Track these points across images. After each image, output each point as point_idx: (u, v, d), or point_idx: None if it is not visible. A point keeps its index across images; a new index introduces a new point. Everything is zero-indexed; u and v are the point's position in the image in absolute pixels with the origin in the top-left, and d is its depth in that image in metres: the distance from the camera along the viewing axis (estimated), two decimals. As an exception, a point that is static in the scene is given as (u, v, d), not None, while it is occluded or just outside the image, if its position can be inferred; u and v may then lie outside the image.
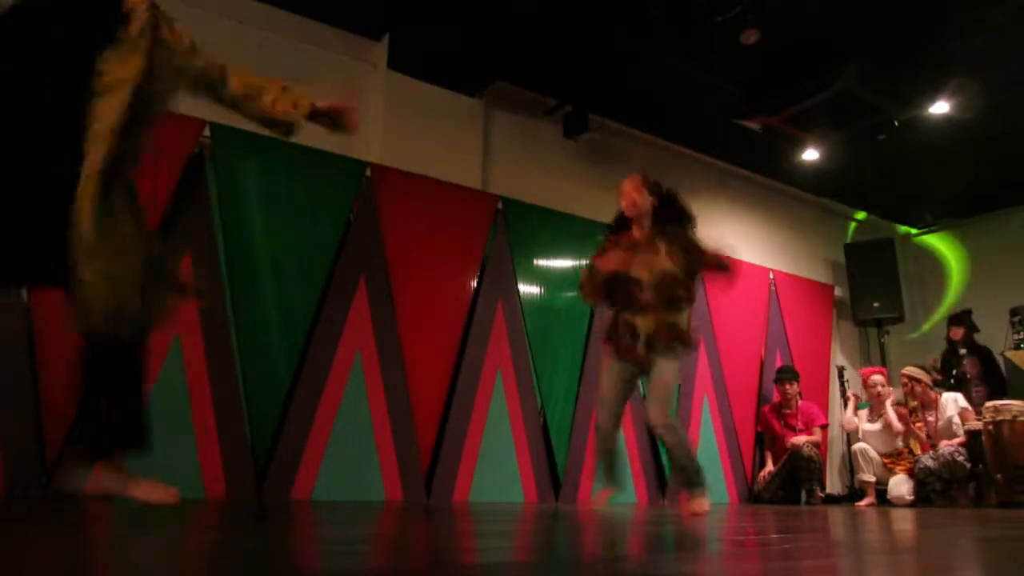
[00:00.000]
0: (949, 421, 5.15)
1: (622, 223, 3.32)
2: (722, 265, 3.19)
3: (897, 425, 5.27)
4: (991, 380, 5.74)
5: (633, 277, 3.08)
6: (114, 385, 1.99)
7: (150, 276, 1.97)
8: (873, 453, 5.38)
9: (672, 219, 3.18)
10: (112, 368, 1.98)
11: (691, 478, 3.07)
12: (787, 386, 5.57)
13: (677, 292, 3.04)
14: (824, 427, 5.69)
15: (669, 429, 3.03)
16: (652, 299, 3.04)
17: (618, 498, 3.38)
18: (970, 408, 5.18)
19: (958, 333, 5.95)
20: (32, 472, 3.09)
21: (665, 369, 3.05)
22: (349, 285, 4.04)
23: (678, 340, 3.04)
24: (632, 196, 3.24)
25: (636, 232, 3.22)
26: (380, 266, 4.16)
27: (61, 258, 1.80)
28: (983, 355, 5.87)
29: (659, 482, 5.01)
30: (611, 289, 3.18)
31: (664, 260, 3.06)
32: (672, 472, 3.18)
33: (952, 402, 5.21)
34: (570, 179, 5.59)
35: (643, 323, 3.06)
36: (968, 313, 6.07)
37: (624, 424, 4.90)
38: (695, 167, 6.40)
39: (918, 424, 5.30)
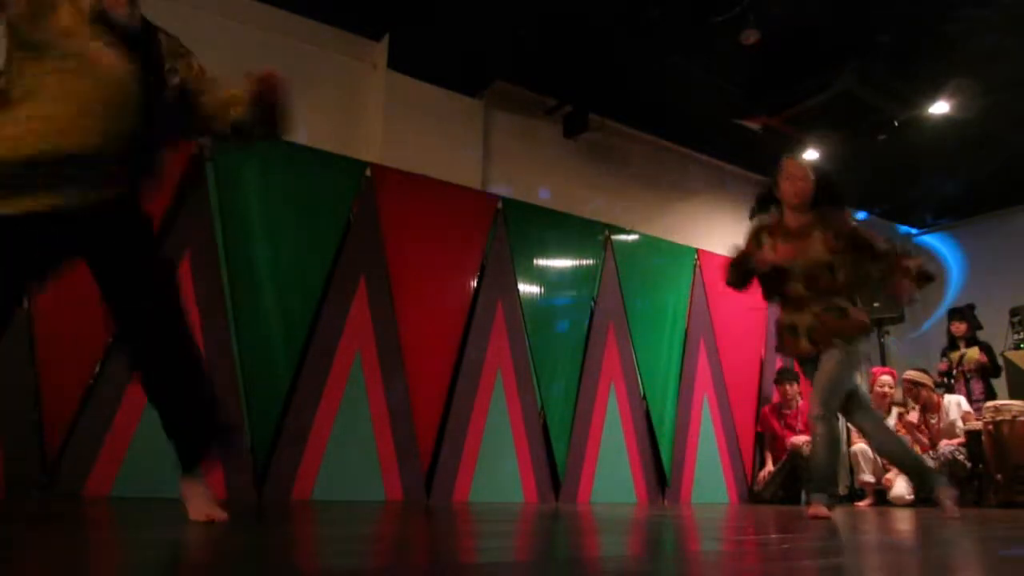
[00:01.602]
0: (952, 424, 5.15)
1: (766, 204, 3.14)
2: (920, 275, 2.88)
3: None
4: (989, 376, 5.73)
5: (787, 269, 2.96)
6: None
7: None
8: (873, 453, 5.38)
9: (829, 202, 3.02)
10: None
11: (819, 479, 2.93)
12: (787, 387, 5.57)
13: (834, 281, 2.89)
14: None
15: (818, 422, 2.87)
16: (804, 292, 2.91)
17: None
18: (972, 412, 5.18)
19: (960, 328, 5.89)
20: (32, 472, 3.09)
21: (827, 358, 2.88)
22: (349, 285, 4.04)
23: (844, 331, 2.87)
24: (801, 184, 3.03)
25: (791, 219, 3.05)
26: (380, 266, 4.16)
27: None
28: (985, 350, 5.84)
29: (659, 482, 5.00)
30: (768, 284, 3.06)
31: (819, 249, 2.91)
32: (809, 465, 3.08)
33: (955, 405, 5.21)
34: (570, 179, 5.59)
35: (800, 319, 2.95)
36: (971, 308, 6.01)
37: (624, 424, 4.95)
38: (695, 167, 6.40)
39: (922, 431, 5.29)
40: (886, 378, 5.52)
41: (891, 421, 5.49)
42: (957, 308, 6.09)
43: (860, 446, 5.44)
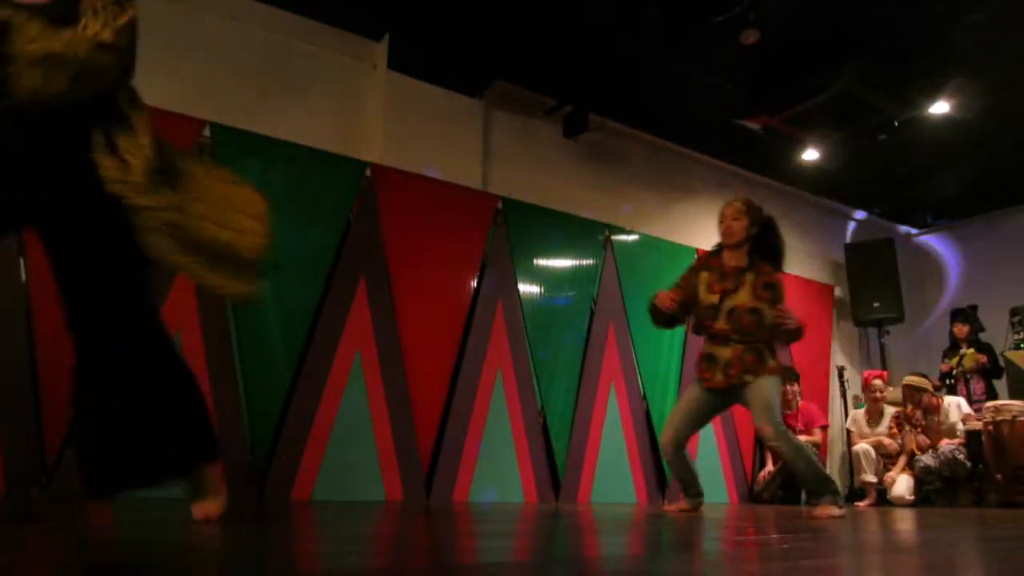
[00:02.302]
0: (953, 427, 5.15)
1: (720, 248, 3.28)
2: (791, 334, 3.12)
3: (892, 445, 5.32)
4: (990, 377, 5.73)
5: (713, 306, 3.10)
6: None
7: None
8: (874, 454, 5.38)
9: (767, 255, 3.15)
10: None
11: (814, 485, 3.01)
12: (787, 387, 5.56)
13: (758, 325, 3.03)
14: (824, 428, 5.69)
15: (781, 439, 2.97)
16: (728, 330, 3.06)
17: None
18: (972, 413, 5.18)
19: (963, 331, 5.89)
20: (32, 472, 3.09)
21: (762, 388, 3.01)
22: (349, 285, 4.04)
23: (758, 372, 3.02)
24: (729, 223, 3.17)
25: (728, 259, 3.18)
26: (380, 266, 4.16)
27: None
28: (987, 352, 5.84)
29: (659, 482, 5.00)
30: (698, 316, 3.20)
31: (747, 293, 3.06)
32: (799, 481, 3.17)
33: (956, 407, 5.21)
34: (570, 179, 5.59)
35: (721, 352, 3.09)
36: (974, 309, 6.01)
37: (624, 424, 4.94)
38: (695, 167, 6.40)
39: (920, 430, 5.29)
40: (878, 382, 5.54)
41: (885, 422, 5.50)
42: (960, 309, 6.09)
43: (862, 446, 5.45)
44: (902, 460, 5.26)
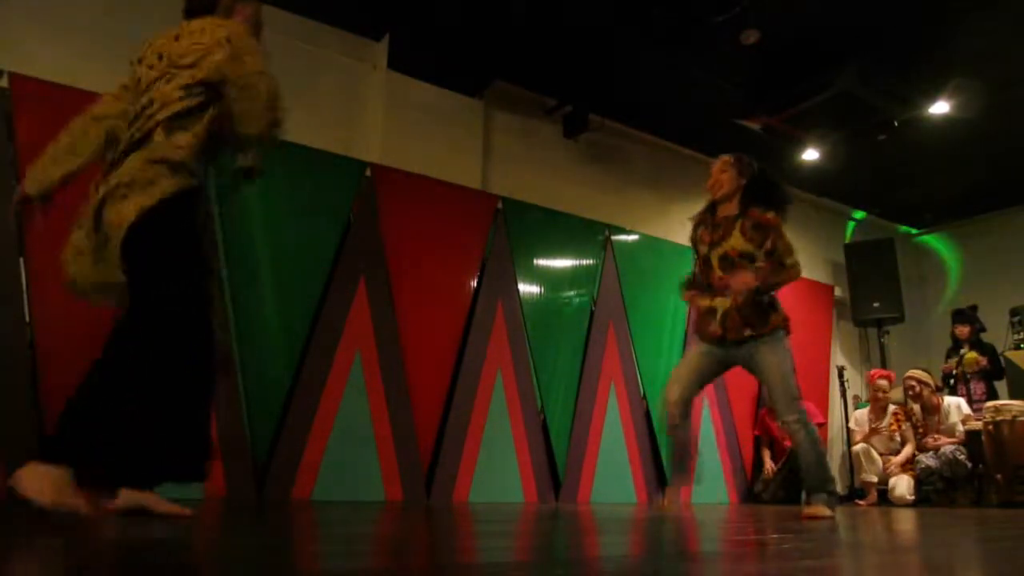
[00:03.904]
0: (952, 427, 5.15)
1: (713, 207, 3.22)
2: (782, 271, 3.00)
3: (895, 437, 5.33)
4: (991, 377, 5.73)
5: (706, 258, 3.05)
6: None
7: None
8: (875, 454, 5.38)
9: (763, 200, 3.08)
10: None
11: (817, 482, 2.90)
12: None
13: (751, 270, 2.94)
14: (820, 425, 5.69)
15: (798, 427, 2.86)
16: (725, 280, 2.98)
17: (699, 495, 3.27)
18: (972, 414, 5.18)
19: (964, 331, 5.89)
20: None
21: (769, 359, 2.92)
22: (349, 285, 4.04)
23: (756, 326, 2.92)
24: (716, 177, 3.16)
25: (720, 211, 3.15)
26: (380, 266, 4.16)
27: None
28: (988, 353, 5.83)
29: (659, 482, 5.00)
30: (698, 274, 3.17)
31: (738, 239, 2.99)
32: (802, 474, 3.03)
33: (956, 408, 5.21)
34: (570, 179, 5.59)
35: (720, 304, 3.00)
36: (974, 309, 6.01)
37: (624, 424, 4.94)
38: (695, 167, 6.39)
39: (922, 435, 5.29)
40: (883, 382, 5.53)
41: (886, 421, 5.50)
42: (961, 310, 6.08)
43: (862, 446, 5.44)
44: (904, 452, 5.25)
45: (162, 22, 2.31)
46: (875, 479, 5.32)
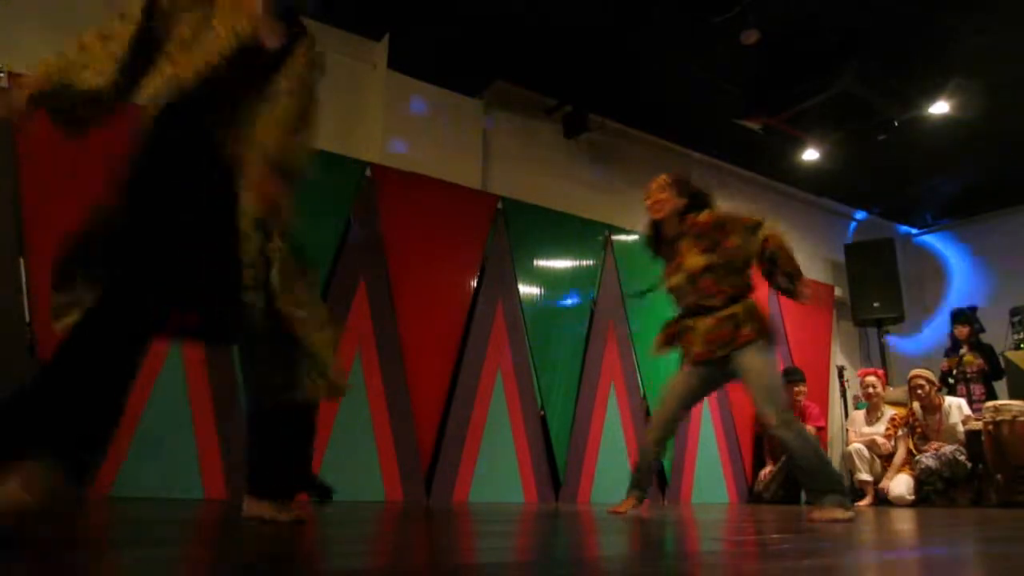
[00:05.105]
0: (952, 428, 5.14)
1: (656, 228, 3.12)
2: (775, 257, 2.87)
3: (886, 445, 5.31)
4: (990, 378, 5.73)
5: (679, 285, 2.97)
6: (292, 444, 1.95)
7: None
8: (867, 453, 5.38)
9: (695, 206, 3.00)
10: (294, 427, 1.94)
11: (821, 482, 2.71)
12: (795, 387, 5.53)
13: (717, 282, 2.85)
14: (819, 429, 5.66)
15: (785, 427, 2.71)
16: (694, 301, 2.92)
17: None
18: (972, 415, 5.18)
19: (963, 332, 5.89)
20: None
21: (753, 365, 2.79)
22: (349, 285, 4.04)
23: (736, 342, 2.81)
24: (653, 199, 3.04)
25: (668, 233, 3.06)
26: (380, 266, 4.16)
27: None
28: (986, 353, 5.84)
29: (659, 482, 5.00)
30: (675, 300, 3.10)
31: (694, 258, 2.90)
32: (798, 476, 2.90)
33: (956, 408, 5.21)
34: (570, 179, 5.59)
35: (698, 323, 2.92)
36: (973, 310, 6.01)
37: (624, 424, 4.94)
38: (695, 167, 6.40)
39: (919, 430, 5.28)
40: (871, 379, 5.53)
41: (883, 422, 5.49)
42: (960, 311, 6.08)
43: (856, 446, 5.44)
44: (895, 463, 5.25)
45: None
46: (870, 478, 5.32)
